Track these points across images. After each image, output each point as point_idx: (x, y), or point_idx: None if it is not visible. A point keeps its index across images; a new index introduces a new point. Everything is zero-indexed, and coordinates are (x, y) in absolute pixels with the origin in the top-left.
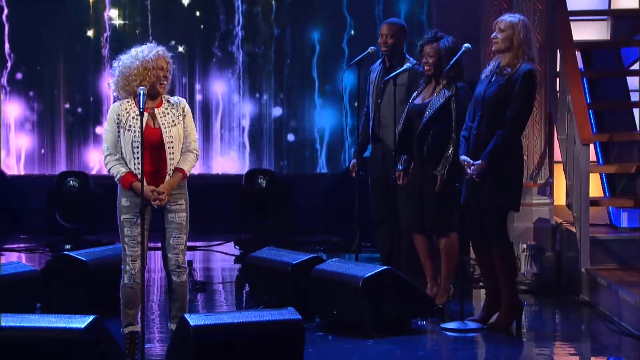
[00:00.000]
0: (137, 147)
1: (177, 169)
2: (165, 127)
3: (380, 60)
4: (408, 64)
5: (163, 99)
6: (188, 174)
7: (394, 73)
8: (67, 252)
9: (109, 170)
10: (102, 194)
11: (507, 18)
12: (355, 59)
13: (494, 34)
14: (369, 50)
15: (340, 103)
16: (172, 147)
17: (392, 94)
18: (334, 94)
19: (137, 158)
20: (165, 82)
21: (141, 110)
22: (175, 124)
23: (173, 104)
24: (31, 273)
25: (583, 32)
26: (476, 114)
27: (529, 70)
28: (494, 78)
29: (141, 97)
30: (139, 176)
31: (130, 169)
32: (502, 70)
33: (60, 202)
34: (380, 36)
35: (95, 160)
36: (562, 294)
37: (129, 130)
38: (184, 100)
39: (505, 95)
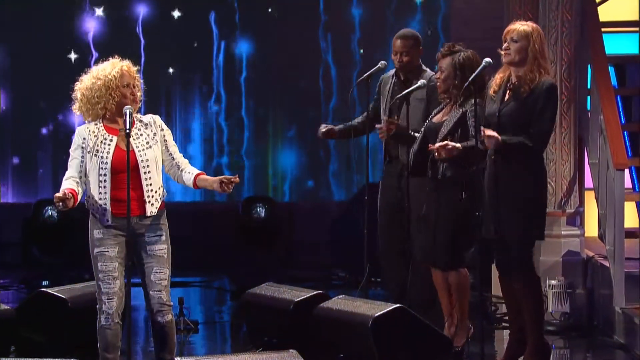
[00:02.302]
0: (105, 174)
1: (199, 174)
2: (138, 150)
3: (393, 71)
4: (422, 81)
5: (135, 119)
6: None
7: (406, 91)
8: (44, 289)
9: None
10: (83, 223)
11: (520, 27)
12: (365, 75)
13: (505, 45)
14: (379, 65)
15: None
16: (149, 171)
17: (409, 110)
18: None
19: (104, 187)
20: (135, 100)
21: (127, 131)
22: (150, 146)
23: (147, 124)
24: (4, 312)
25: (616, 45)
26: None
27: (552, 85)
28: (507, 94)
29: (127, 117)
30: (107, 204)
31: (72, 187)
32: (518, 87)
33: (37, 233)
34: (394, 53)
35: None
36: (594, 335)
37: (95, 155)
38: (158, 117)
39: (527, 112)
